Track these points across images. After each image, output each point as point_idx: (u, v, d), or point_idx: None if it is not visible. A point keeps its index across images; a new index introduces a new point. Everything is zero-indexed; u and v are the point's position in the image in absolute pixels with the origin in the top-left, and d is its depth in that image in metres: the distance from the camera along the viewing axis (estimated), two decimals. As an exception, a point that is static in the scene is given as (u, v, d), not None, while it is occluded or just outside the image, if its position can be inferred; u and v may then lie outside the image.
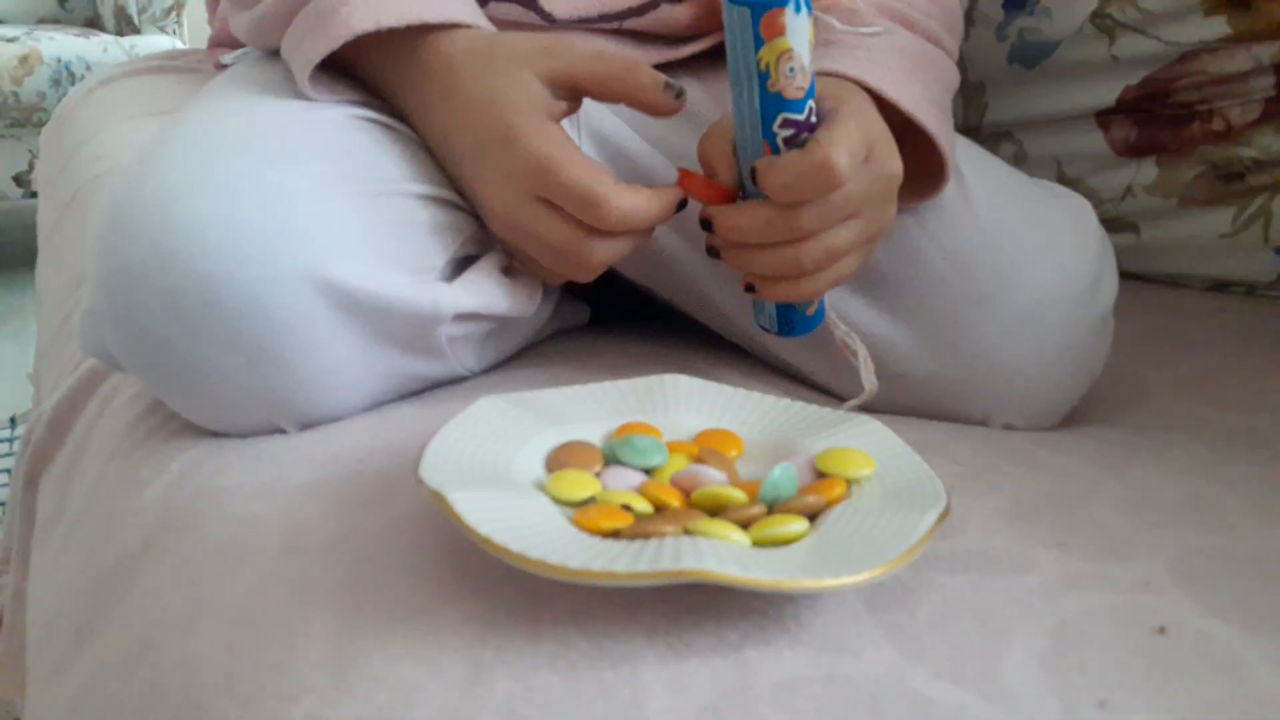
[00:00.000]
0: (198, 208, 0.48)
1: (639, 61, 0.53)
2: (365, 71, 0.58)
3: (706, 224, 0.54)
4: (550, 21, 0.64)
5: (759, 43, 0.48)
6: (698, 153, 0.56)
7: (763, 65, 0.49)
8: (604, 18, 0.65)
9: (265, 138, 0.52)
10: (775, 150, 0.51)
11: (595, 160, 0.52)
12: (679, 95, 0.52)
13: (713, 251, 0.55)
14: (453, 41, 0.55)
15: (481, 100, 0.53)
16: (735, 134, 0.53)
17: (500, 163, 0.52)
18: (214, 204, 0.48)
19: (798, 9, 0.48)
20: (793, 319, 0.58)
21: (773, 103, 0.50)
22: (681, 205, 0.54)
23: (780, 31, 0.48)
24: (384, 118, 0.57)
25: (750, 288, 0.56)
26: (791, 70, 0.49)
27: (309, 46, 0.54)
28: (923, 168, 0.59)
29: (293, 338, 0.50)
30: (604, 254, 0.54)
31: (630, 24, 0.65)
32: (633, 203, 0.51)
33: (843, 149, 0.49)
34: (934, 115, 0.59)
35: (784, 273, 0.53)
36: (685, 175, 0.54)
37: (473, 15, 0.57)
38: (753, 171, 0.51)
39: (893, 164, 0.53)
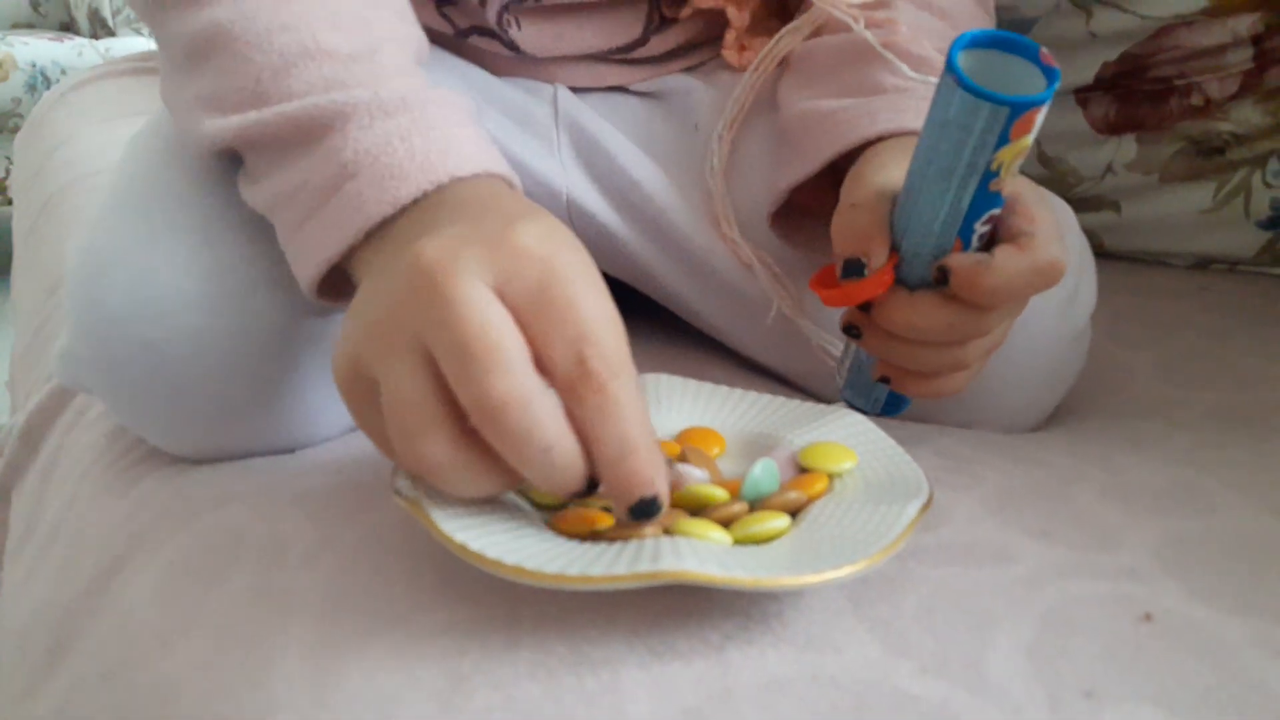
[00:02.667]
0: (172, 259, 0.47)
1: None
2: None
3: (865, 305, 0.46)
4: (522, 55, 0.62)
5: (1003, 142, 0.39)
6: (834, 229, 0.46)
7: (995, 165, 0.40)
8: (588, 57, 0.63)
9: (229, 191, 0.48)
10: (967, 246, 0.43)
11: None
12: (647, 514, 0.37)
13: (852, 331, 0.48)
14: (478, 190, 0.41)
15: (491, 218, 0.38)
16: (902, 221, 0.44)
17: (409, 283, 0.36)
18: (191, 254, 0.47)
19: (1049, 97, 0.38)
20: (900, 398, 0.51)
21: (986, 201, 0.42)
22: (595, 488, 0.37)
23: (1030, 129, 0.39)
24: None
25: (885, 379, 0.49)
26: (1017, 168, 0.41)
27: (320, 234, 0.42)
28: None
29: (280, 385, 0.49)
30: (433, 452, 0.35)
31: (616, 58, 0.64)
32: (553, 415, 0.35)
33: (1057, 243, 0.43)
34: None
35: (942, 370, 0.47)
36: (836, 290, 0.45)
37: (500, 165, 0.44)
38: (940, 270, 0.43)
39: None
